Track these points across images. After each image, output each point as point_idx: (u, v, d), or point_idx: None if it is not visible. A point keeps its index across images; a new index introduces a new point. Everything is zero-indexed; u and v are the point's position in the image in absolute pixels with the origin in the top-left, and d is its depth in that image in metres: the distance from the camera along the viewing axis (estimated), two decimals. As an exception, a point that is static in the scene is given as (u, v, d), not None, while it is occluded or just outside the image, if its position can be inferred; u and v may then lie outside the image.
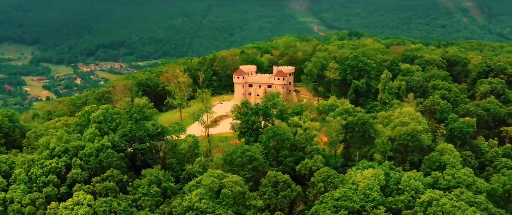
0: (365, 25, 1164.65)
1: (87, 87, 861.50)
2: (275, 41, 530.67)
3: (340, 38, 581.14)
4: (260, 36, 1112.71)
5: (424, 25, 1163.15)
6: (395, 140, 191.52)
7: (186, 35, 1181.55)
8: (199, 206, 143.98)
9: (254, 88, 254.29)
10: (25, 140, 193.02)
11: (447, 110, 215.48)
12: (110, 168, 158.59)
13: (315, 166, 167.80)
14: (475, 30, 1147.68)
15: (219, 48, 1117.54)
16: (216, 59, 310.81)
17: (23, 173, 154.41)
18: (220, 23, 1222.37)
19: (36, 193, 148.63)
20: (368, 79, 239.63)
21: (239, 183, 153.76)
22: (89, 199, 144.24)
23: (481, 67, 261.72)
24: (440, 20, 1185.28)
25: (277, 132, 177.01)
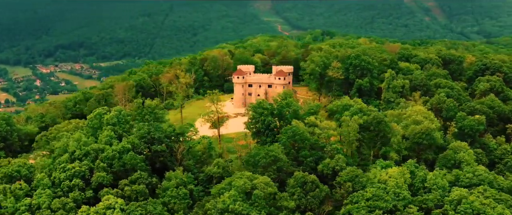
0: (329, 24, 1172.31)
1: (48, 89, 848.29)
2: (250, 40, 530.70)
3: (314, 38, 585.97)
4: (224, 36, 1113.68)
5: (386, 24, 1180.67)
6: (409, 138, 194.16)
7: (148, 36, 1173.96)
8: (234, 208, 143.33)
9: (254, 88, 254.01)
10: (35, 143, 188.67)
11: (453, 108, 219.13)
12: (134, 171, 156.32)
13: (338, 165, 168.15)
14: (437, 29, 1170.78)
15: (182, 48, 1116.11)
16: (206, 59, 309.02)
17: (46, 177, 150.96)
18: (182, 23, 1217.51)
19: (64, 198, 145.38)
20: (371, 78, 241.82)
21: (270, 184, 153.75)
22: (121, 203, 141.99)
23: (477, 65, 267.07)
24: (402, 19, 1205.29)
25: (296, 131, 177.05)
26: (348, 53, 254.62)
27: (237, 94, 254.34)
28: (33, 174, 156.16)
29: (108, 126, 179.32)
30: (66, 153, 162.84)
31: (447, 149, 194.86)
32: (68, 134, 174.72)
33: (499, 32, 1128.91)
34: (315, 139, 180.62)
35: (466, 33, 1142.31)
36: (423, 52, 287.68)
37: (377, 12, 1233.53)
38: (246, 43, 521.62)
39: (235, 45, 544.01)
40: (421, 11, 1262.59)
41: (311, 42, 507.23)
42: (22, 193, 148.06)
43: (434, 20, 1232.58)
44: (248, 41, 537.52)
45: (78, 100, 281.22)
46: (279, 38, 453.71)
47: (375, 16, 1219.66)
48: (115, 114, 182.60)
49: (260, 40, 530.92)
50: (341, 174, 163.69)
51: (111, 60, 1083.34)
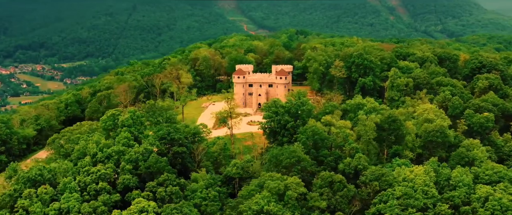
0: (295, 24, 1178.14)
1: (9, 91, 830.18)
2: (226, 40, 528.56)
3: (289, 37, 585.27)
4: (189, 36, 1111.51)
5: (352, 23, 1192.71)
6: (422, 136, 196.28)
7: (111, 36, 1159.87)
8: (269, 209, 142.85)
9: (255, 88, 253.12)
10: (46, 146, 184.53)
11: (458, 106, 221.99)
12: (160, 173, 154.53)
13: (361, 165, 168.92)
14: (402, 28, 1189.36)
15: (147, 48, 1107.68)
16: (198, 59, 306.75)
17: (72, 181, 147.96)
18: (146, 22, 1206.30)
19: (94, 201, 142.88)
20: (373, 76, 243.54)
21: (301, 184, 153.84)
22: (154, 206, 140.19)
23: (474, 63, 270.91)
24: (367, 18, 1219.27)
25: (316, 131, 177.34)
26: (350, 52, 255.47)
27: (237, 94, 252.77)
28: (55, 178, 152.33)
29: (124, 127, 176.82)
30: (87, 156, 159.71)
31: (459, 146, 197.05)
32: (85, 136, 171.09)
33: (461, 31, 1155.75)
34: (333, 138, 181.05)
35: (430, 32, 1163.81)
36: (418, 51, 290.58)
37: (342, 11, 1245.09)
38: (222, 43, 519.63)
39: (209, 44, 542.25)
40: (385, 10, 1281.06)
41: (288, 42, 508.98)
42: (48, 198, 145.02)
43: (398, 19, 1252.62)
44: (224, 40, 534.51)
45: (69, 102, 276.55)
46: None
47: (341, 15, 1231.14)
48: (129, 115, 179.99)
49: (236, 40, 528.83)
50: (366, 173, 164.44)
51: (73, 61, 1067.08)
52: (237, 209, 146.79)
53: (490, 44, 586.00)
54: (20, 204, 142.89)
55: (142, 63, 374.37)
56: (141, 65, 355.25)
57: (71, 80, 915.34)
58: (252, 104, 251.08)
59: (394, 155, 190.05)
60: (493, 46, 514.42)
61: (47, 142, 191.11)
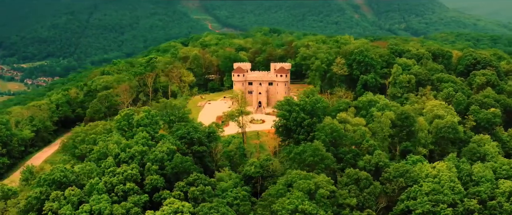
0: (260, 22, 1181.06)
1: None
2: (202, 38, 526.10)
3: (264, 34, 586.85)
4: (153, 35, 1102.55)
5: (317, 22, 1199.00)
6: (432, 132, 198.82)
7: (72, 35, 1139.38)
8: (304, 208, 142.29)
9: (255, 86, 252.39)
10: (60, 147, 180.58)
11: (462, 102, 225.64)
12: (186, 173, 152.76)
13: (382, 161, 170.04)
14: (366, 26, 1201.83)
15: (109, 48, 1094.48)
16: (188, 57, 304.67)
17: (100, 182, 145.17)
18: (108, 21, 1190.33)
19: (125, 202, 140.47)
20: (375, 73, 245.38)
21: (331, 182, 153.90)
22: (188, 207, 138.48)
23: (468, 59, 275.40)
24: (332, 16, 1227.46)
25: (334, 128, 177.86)
26: (350, 49, 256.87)
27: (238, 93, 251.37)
28: (80, 179, 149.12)
29: (140, 127, 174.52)
30: (107, 156, 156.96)
31: (469, 142, 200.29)
32: (103, 136, 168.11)
33: (425, 29, 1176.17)
34: (351, 135, 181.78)
35: (394, 30, 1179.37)
36: (413, 47, 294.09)
37: (307, 9, 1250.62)
38: (198, 41, 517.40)
39: (183, 43, 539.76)
40: (350, 9, 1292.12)
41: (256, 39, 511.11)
42: (76, 199, 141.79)
43: (363, 17, 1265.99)
44: (200, 39, 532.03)
45: (60, 103, 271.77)
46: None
47: (306, 13, 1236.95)
48: (145, 115, 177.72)
49: (212, 38, 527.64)
50: (389, 170, 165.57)
51: (33, 61, 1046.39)
52: (269, 208, 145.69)
53: (459, 41, 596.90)
54: (49, 207, 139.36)
55: (126, 62, 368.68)
56: (125, 65, 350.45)
57: (32, 81, 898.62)
58: (253, 103, 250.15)
59: (405, 152, 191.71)
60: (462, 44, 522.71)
61: (62, 143, 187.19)
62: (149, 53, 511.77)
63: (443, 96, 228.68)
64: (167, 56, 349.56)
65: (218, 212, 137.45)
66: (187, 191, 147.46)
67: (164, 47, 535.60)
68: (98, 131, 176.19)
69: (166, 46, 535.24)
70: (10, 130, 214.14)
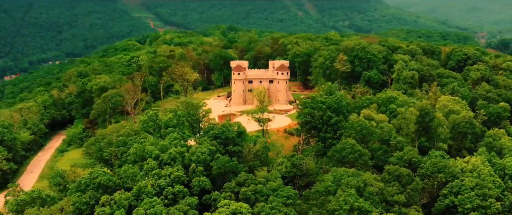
0: (204, 20, 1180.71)
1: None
2: (162, 37, 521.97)
3: (222, 33, 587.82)
4: (93, 33, 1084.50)
5: (262, 19, 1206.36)
6: (452, 127, 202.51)
7: (6, 34, 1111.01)
8: (360, 205, 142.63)
9: (255, 84, 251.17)
10: (83, 149, 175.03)
11: (467, 97, 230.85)
12: (231, 173, 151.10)
13: (415, 157, 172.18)
14: (311, 23, 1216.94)
15: (47, 47, 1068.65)
16: (174, 57, 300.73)
17: (148, 185, 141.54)
18: (45, 20, 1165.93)
19: (181, 205, 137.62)
20: (377, 70, 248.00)
21: (378, 179, 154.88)
22: (246, 207, 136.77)
23: (459, 55, 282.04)
24: (277, 14, 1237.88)
25: (363, 125, 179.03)
26: (350, 46, 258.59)
27: (237, 91, 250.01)
28: (124, 182, 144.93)
29: (168, 128, 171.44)
30: (144, 158, 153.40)
31: (483, 136, 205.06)
32: (138, 138, 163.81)
33: (368, 26, 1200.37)
34: (379, 132, 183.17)
35: (338, 27, 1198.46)
36: (404, 44, 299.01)
37: (251, 7, 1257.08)
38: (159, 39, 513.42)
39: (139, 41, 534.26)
40: (294, 6, 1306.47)
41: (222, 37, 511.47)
42: (127, 203, 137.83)
43: (307, 15, 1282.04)
44: (160, 37, 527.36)
45: (48, 104, 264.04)
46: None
47: (250, 11, 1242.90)
48: (172, 115, 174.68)
49: (173, 36, 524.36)
50: (425, 166, 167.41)
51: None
52: (324, 207, 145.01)
53: (411, 38, 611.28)
54: (100, 212, 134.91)
55: (99, 61, 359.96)
56: (100, 64, 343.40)
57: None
58: (253, 101, 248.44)
59: (420, 148, 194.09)
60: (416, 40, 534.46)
61: (84, 146, 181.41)
62: (107, 53, 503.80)
63: (448, 91, 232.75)
64: (148, 54, 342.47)
65: (280, 212, 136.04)
66: (238, 192, 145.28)
67: (122, 46, 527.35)
68: (125, 133, 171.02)
69: (124, 45, 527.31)
70: (12, 134, 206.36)
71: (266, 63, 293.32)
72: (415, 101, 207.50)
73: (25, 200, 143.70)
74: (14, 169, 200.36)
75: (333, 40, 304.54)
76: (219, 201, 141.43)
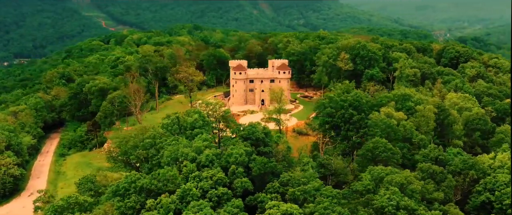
0: (158, 19, 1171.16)
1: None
2: (130, 37, 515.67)
3: (188, 32, 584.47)
4: (43, 33, 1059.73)
5: (217, 18, 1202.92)
6: (465, 124, 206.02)
7: None
8: (406, 204, 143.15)
9: (256, 84, 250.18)
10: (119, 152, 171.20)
11: (471, 94, 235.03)
12: (270, 174, 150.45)
13: (442, 155, 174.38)
14: (266, 22, 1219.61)
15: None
16: (163, 56, 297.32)
17: (193, 188, 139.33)
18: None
19: (229, 207, 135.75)
20: (378, 68, 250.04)
21: (418, 177, 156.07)
22: (296, 208, 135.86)
23: (451, 53, 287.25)
24: (232, 13, 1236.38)
25: (388, 123, 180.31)
26: (350, 44, 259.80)
27: (239, 91, 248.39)
28: (166, 186, 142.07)
29: (194, 129, 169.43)
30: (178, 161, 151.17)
31: (493, 133, 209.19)
32: (169, 140, 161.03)
33: (323, 24, 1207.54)
34: (402, 130, 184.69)
35: (293, 26, 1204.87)
36: (397, 42, 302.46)
37: (206, 6, 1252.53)
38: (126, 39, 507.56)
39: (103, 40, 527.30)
40: (249, 5, 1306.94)
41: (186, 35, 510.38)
42: (173, 207, 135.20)
43: (262, 13, 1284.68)
44: (127, 37, 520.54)
45: (39, 107, 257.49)
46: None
47: (205, 10, 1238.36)
48: (198, 117, 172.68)
49: (141, 36, 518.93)
50: (455, 163, 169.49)
51: None
52: (371, 206, 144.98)
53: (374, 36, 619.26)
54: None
55: (85, 65, 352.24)
56: (79, 65, 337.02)
57: None
58: (255, 101, 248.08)
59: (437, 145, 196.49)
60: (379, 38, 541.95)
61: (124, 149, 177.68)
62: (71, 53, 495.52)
63: (451, 88, 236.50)
64: (134, 55, 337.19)
65: (333, 211, 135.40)
66: (282, 192, 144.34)
67: (87, 46, 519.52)
68: (149, 135, 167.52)
69: (88, 46, 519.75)
70: (18, 138, 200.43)
71: (257, 62, 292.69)
72: (429, 99, 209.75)
73: (62, 205, 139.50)
74: (24, 175, 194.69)
75: (327, 39, 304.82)
76: (266, 202, 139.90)
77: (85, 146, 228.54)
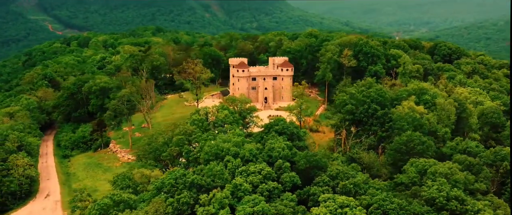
0: (108, 22, 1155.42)
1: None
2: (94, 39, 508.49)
3: (152, 33, 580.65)
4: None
5: (169, 21, 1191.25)
6: (479, 117, 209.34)
7: None
8: (456, 194, 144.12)
9: (258, 81, 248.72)
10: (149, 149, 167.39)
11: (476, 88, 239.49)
12: (315, 168, 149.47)
13: (470, 147, 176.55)
14: (219, 25, 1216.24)
15: None
16: (151, 55, 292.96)
17: (244, 182, 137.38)
18: None
19: (286, 201, 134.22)
20: (381, 65, 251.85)
21: (459, 168, 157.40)
22: (352, 200, 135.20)
23: (444, 49, 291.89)
24: (184, 16, 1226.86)
25: (415, 117, 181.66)
26: (353, 41, 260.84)
27: (241, 89, 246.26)
28: (212, 181, 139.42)
29: (225, 125, 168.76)
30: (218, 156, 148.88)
31: (504, 126, 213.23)
32: (206, 136, 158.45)
33: (276, 27, 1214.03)
34: (427, 124, 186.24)
35: (246, 29, 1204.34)
36: (388, 40, 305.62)
37: (157, 8, 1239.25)
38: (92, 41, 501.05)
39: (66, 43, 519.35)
40: (201, 8, 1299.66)
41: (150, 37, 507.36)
42: (227, 202, 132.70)
43: (214, 16, 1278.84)
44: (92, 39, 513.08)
45: (32, 108, 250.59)
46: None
47: (156, 13, 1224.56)
48: (227, 113, 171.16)
49: (107, 38, 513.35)
50: (486, 155, 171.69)
51: None
52: (421, 197, 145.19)
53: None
54: (204, 212, 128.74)
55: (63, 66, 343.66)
56: (60, 67, 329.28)
57: None
58: (258, 99, 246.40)
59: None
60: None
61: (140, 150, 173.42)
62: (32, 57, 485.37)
63: (455, 83, 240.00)
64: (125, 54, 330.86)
65: (392, 203, 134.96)
66: (333, 186, 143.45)
67: (49, 49, 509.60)
68: (179, 132, 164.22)
69: (50, 48, 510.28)
70: (28, 138, 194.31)
71: (249, 61, 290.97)
72: (444, 93, 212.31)
73: (108, 203, 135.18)
74: (37, 176, 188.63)
75: (320, 38, 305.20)
76: (318, 195, 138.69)
77: (89, 146, 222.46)
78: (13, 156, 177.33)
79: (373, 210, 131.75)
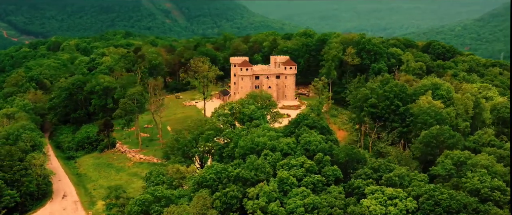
0: (66, 28, 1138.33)
1: None
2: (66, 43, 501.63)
3: (124, 37, 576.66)
4: None
5: (128, 27, 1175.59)
6: (491, 112, 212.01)
7: None
8: (499, 184, 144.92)
9: (261, 80, 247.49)
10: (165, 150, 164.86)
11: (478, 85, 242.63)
12: (355, 161, 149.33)
13: (493, 140, 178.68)
14: (180, 31, 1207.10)
15: None
16: (144, 55, 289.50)
17: (292, 177, 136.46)
18: None
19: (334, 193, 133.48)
20: (384, 63, 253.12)
21: (494, 159, 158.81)
22: (400, 191, 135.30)
23: (438, 48, 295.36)
24: (144, 22, 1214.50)
25: (438, 111, 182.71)
26: (355, 39, 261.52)
27: (245, 88, 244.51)
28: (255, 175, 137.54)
29: (253, 120, 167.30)
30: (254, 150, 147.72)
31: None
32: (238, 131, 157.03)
33: (238, 32, 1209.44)
34: (448, 118, 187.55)
35: (208, 35, 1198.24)
36: (383, 39, 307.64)
37: (116, 14, 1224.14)
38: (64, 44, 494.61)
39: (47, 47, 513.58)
40: (161, 14, 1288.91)
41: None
42: (275, 195, 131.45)
43: (175, 22, 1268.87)
44: (64, 43, 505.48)
45: (28, 109, 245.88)
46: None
47: (115, 18, 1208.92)
48: (254, 108, 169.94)
49: (79, 42, 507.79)
50: (506, 147, 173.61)
51: None
52: (463, 188, 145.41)
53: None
54: (254, 205, 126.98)
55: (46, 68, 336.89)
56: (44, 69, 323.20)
57: None
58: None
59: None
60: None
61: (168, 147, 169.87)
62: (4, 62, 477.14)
63: (460, 79, 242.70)
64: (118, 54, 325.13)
65: (442, 194, 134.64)
66: (375, 178, 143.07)
67: (19, 54, 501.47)
68: (211, 127, 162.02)
69: (20, 53, 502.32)
70: (40, 139, 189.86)
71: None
72: (453, 89, 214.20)
73: (149, 199, 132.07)
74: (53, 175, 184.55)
75: (316, 37, 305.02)
76: (363, 188, 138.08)
77: (94, 147, 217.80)
78: (30, 155, 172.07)
79: (424, 200, 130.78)
